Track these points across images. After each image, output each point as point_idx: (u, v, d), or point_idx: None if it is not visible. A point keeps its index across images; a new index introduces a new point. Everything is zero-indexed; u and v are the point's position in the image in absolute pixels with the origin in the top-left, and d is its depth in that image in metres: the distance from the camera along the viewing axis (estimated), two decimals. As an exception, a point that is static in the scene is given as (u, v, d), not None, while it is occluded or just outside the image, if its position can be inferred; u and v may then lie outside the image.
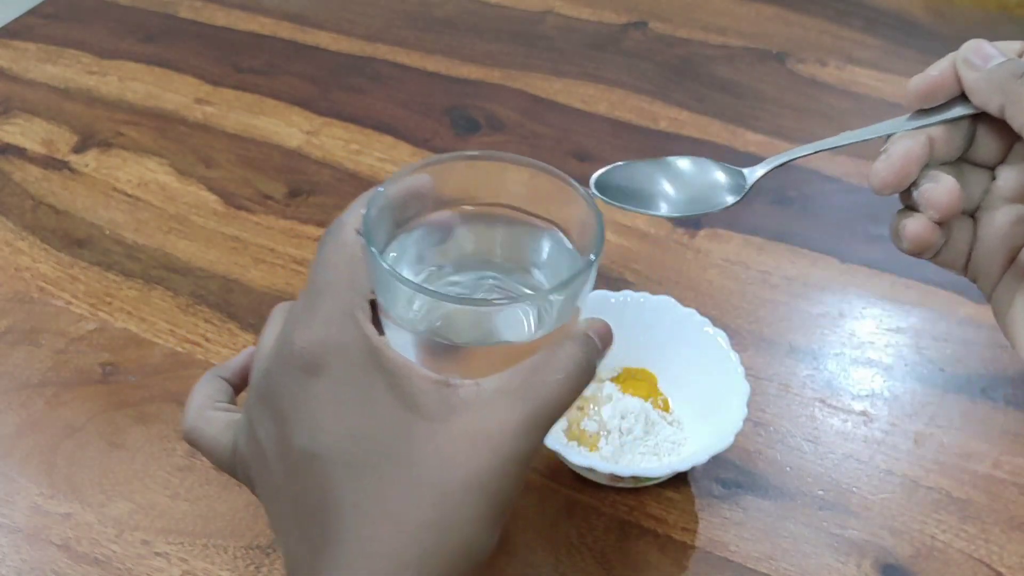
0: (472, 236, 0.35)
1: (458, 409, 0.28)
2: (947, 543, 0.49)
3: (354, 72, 0.84)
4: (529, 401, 0.28)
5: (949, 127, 0.34)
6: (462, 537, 0.27)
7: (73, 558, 0.49)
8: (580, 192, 0.35)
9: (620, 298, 0.55)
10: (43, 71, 0.84)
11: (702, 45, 0.86)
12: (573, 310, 0.32)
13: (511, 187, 0.35)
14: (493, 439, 0.27)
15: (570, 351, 0.30)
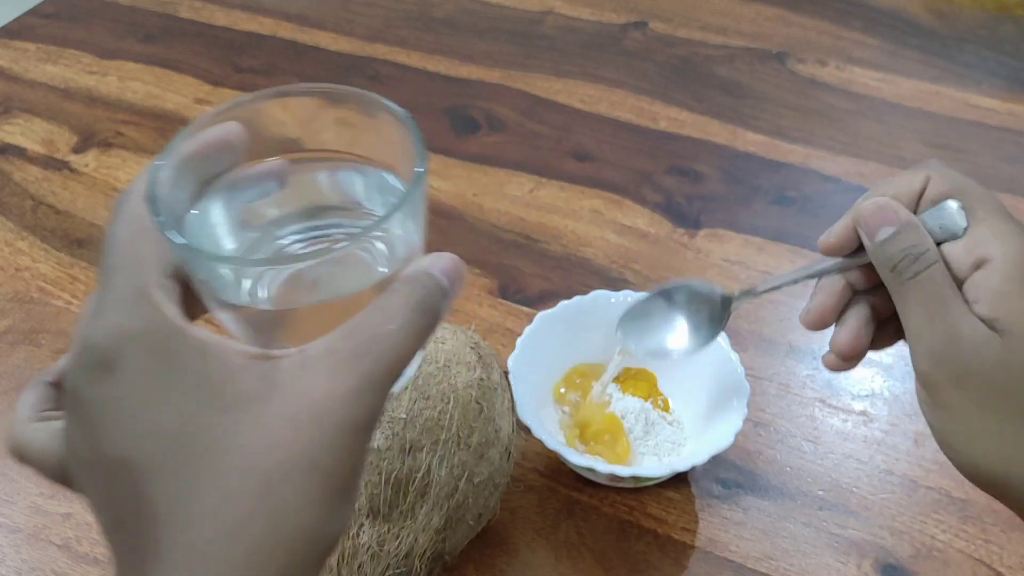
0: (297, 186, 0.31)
1: (280, 383, 0.25)
2: (947, 543, 0.49)
3: (354, 72, 0.84)
4: (360, 360, 0.25)
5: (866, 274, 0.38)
6: (297, 523, 0.24)
7: (73, 558, 0.49)
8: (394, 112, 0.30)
9: (620, 298, 0.55)
10: (43, 71, 0.84)
11: (702, 45, 0.86)
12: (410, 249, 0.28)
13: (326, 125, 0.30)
14: (319, 410, 0.24)
15: (402, 295, 0.26)
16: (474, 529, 0.46)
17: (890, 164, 0.73)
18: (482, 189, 0.71)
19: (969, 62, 0.83)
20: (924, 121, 0.77)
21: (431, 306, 0.27)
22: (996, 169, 0.72)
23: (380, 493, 0.42)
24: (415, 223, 0.28)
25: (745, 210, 0.69)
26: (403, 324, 0.26)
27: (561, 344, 0.54)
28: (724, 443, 0.47)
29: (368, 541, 0.43)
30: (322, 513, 0.25)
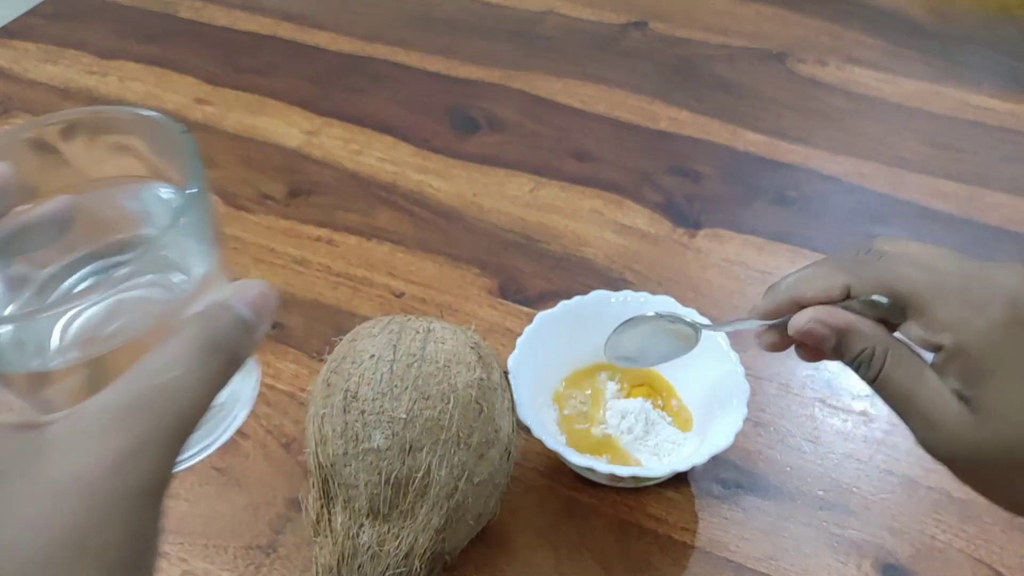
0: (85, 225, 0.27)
1: (44, 453, 0.21)
2: (947, 543, 0.49)
3: (354, 72, 0.84)
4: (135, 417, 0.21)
5: None
6: None
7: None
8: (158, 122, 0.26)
9: (620, 298, 0.55)
10: (43, 71, 0.84)
11: (702, 45, 0.86)
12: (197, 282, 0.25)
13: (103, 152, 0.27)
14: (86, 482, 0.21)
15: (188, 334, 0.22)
16: (474, 529, 0.46)
17: (890, 164, 0.73)
18: (482, 189, 0.71)
19: (969, 62, 0.83)
20: (924, 121, 0.77)
21: (227, 344, 0.23)
22: (996, 169, 0.72)
23: (380, 493, 0.42)
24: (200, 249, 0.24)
25: (745, 210, 0.69)
26: (188, 369, 0.22)
27: (561, 344, 0.54)
28: (724, 443, 0.47)
29: (368, 541, 0.43)
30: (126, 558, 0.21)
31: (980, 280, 0.33)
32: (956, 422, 0.33)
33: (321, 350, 0.59)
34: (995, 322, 0.32)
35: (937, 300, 0.33)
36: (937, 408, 0.33)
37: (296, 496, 0.51)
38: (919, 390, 0.34)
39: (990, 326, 0.32)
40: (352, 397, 0.43)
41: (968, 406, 0.33)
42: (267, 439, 0.54)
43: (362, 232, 0.68)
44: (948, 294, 0.33)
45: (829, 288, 0.36)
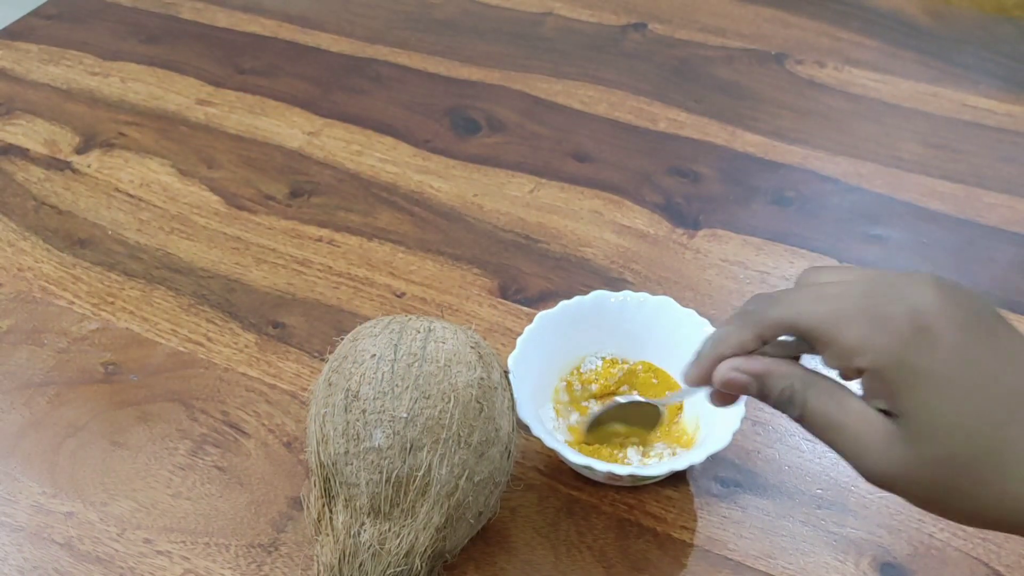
0: None
1: None
2: (945, 542, 0.49)
3: (355, 73, 0.84)
4: None
5: None
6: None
7: (75, 557, 0.49)
8: None
9: (620, 298, 0.55)
10: (45, 72, 0.85)
11: (701, 46, 0.86)
12: None
13: None
14: None
15: None
16: (474, 528, 0.46)
17: (888, 164, 0.73)
18: (482, 190, 0.72)
19: (967, 63, 0.83)
20: (922, 122, 0.77)
21: None
22: (994, 170, 0.73)
23: (381, 492, 0.43)
24: None
25: (744, 210, 0.70)
26: None
27: (561, 344, 0.54)
28: (722, 442, 0.48)
29: (369, 540, 0.43)
30: None
31: (882, 297, 0.33)
32: (886, 442, 0.33)
33: (322, 350, 0.59)
34: (901, 335, 0.32)
35: (841, 327, 0.33)
36: (865, 432, 0.33)
37: (298, 495, 0.52)
38: (844, 418, 0.34)
39: (897, 341, 0.32)
40: (353, 396, 0.43)
41: (897, 423, 0.32)
42: (269, 438, 0.55)
43: (363, 232, 0.68)
44: (851, 319, 0.33)
45: (743, 341, 0.36)
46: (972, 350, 0.32)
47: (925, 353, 0.32)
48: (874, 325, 0.32)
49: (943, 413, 0.31)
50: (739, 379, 0.36)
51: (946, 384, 0.31)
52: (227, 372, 0.58)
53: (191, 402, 0.57)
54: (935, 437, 0.32)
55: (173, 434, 0.55)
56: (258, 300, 0.63)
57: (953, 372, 0.31)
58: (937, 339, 0.31)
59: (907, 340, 0.32)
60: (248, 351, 0.60)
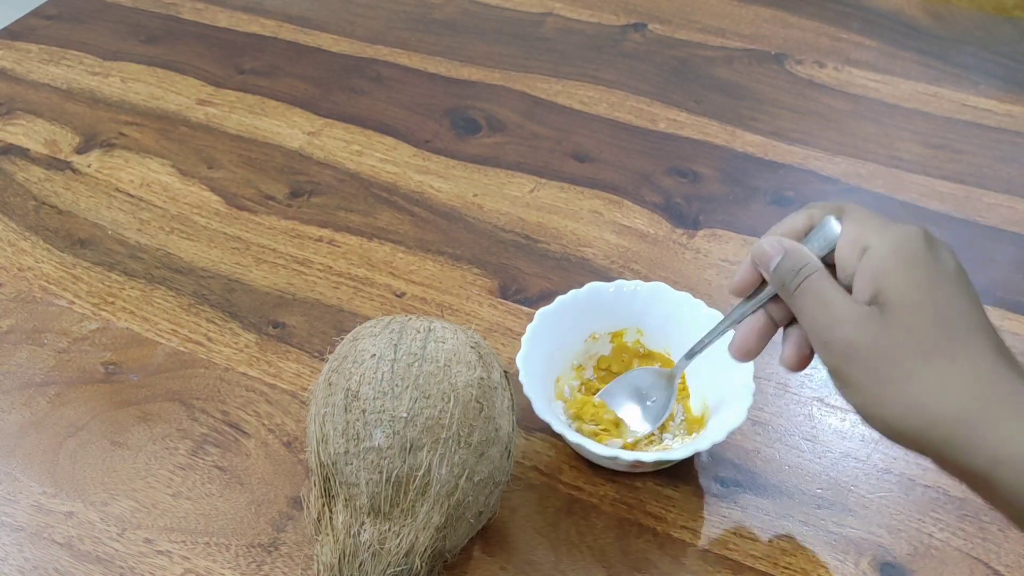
0: None
1: None
2: (944, 541, 0.49)
3: (355, 73, 0.84)
4: None
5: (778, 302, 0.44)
6: None
7: (76, 556, 0.49)
8: None
9: (613, 288, 0.56)
10: (46, 72, 0.85)
11: (701, 47, 0.86)
12: None
13: None
14: None
15: None
16: (474, 527, 0.46)
17: (887, 165, 0.73)
18: (482, 190, 0.72)
19: (967, 63, 0.83)
20: (922, 122, 0.77)
21: None
22: (993, 170, 0.73)
23: (381, 492, 0.43)
24: None
25: (744, 210, 0.70)
26: None
27: (563, 338, 0.55)
28: (738, 419, 0.49)
29: (369, 539, 0.43)
30: None
31: None
32: (864, 315, 0.38)
33: (323, 349, 0.60)
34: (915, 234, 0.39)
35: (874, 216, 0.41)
36: (846, 307, 0.39)
37: (298, 494, 0.52)
38: (833, 294, 0.40)
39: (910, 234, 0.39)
40: (353, 396, 0.43)
41: (876, 306, 0.38)
42: (269, 438, 0.55)
43: (363, 232, 0.68)
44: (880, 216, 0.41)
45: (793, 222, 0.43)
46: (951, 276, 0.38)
47: (925, 254, 0.38)
48: (898, 223, 0.40)
49: (918, 305, 0.37)
50: (773, 246, 0.42)
51: (928, 286, 0.38)
52: (227, 372, 0.58)
53: (191, 402, 0.57)
54: (903, 321, 0.37)
55: (173, 434, 0.55)
56: (258, 300, 0.63)
57: (935, 280, 0.38)
58: (937, 251, 0.39)
59: (915, 238, 0.39)
60: (248, 351, 0.60)
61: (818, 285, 0.40)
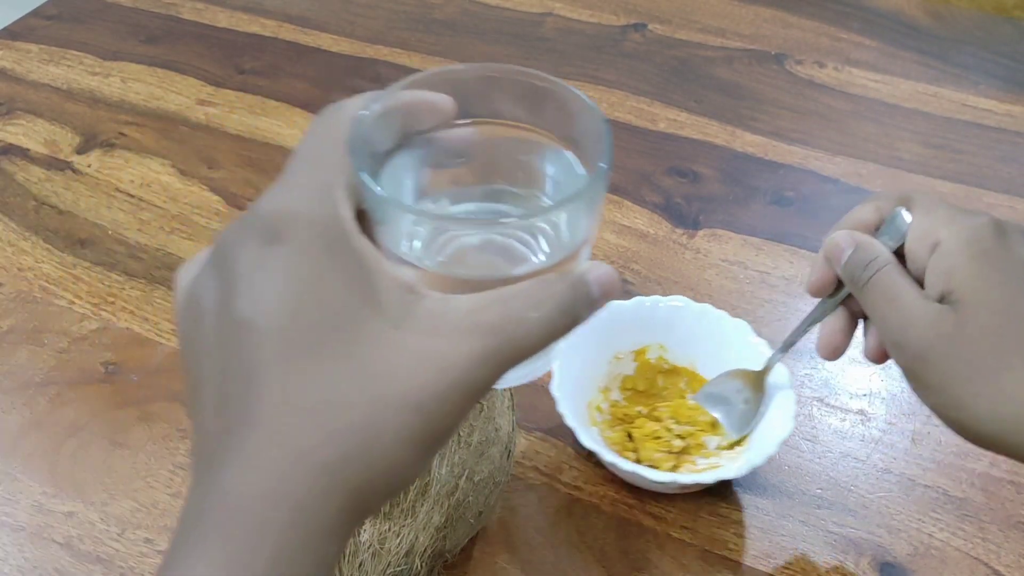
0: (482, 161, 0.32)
1: (417, 319, 0.25)
2: (944, 541, 0.49)
3: (355, 73, 0.84)
4: (495, 332, 0.26)
5: None
6: (387, 454, 0.25)
7: (76, 556, 0.49)
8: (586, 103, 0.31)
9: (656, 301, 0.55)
10: (46, 72, 0.85)
11: (701, 47, 0.86)
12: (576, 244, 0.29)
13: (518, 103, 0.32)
14: (445, 361, 0.25)
15: (556, 290, 0.27)
16: (474, 527, 0.46)
17: (888, 165, 0.73)
18: (482, 190, 0.72)
19: (966, 63, 0.83)
20: (921, 122, 0.77)
21: (574, 311, 0.27)
22: (993, 170, 0.73)
23: (381, 491, 0.43)
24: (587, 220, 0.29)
25: (744, 210, 0.70)
26: (546, 316, 0.26)
27: (589, 361, 0.54)
28: (786, 431, 0.48)
29: (369, 539, 0.43)
30: (410, 454, 0.25)
31: None
32: (936, 314, 0.37)
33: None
34: (985, 226, 0.38)
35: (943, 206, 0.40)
36: (918, 305, 0.38)
37: (298, 494, 0.52)
38: (905, 289, 0.38)
39: (982, 226, 0.38)
40: (353, 396, 0.43)
41: (949, 304, 0.37)
42: (269, 438, 0.55)
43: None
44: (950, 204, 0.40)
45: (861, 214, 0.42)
46: None
47: (996, 247, 0.38)
48: (967, 214, 0.39)
49: (992, 303, 0.36)
50: (845, 240, 0.41)
51: (1001, 282, 0.37)
52: (227, 372, 0.58)
53: (191, 402, 0.57)
54: (977, 320, 0.36)
55: (173, 434, 0.55)
56: (258, 300, 0.63)
57: (1008, 275, 0.37)
58: (1008, 241, 0.38)
59: (985, 229, 0.38)
60: (248, 351, 0.60)
61: (888, 280, 0.39)
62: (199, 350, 0.27)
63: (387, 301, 0.26)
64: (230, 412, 0.25)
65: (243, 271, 0.26)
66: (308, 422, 0.24)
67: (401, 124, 0.30)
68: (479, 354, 0.25)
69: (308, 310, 0.25)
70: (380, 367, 0.25)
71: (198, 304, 0.27)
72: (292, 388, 0.25)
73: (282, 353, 0.25)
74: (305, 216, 0.26)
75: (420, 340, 0.25)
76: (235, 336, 0.25)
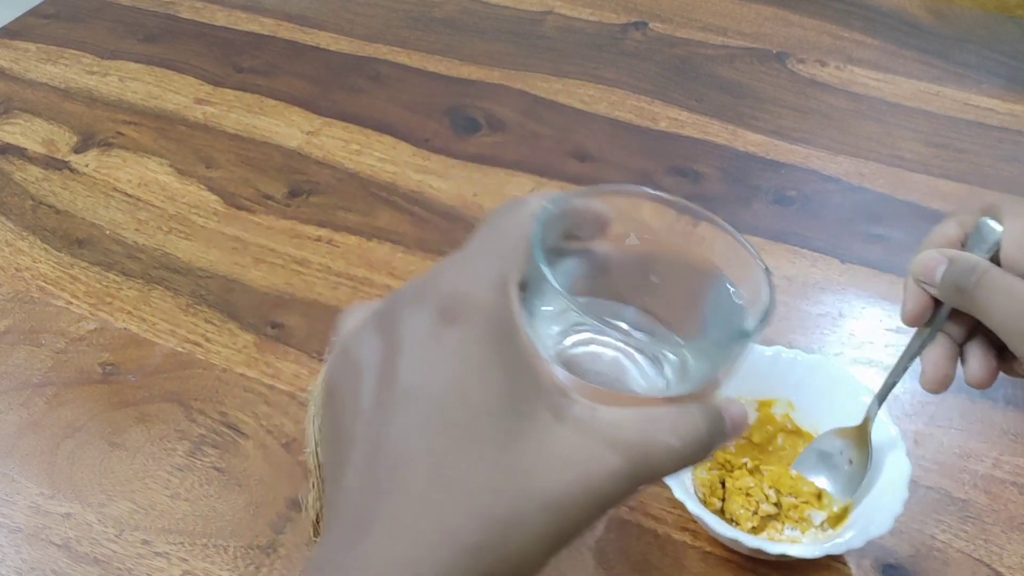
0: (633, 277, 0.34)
1: (567, 424, 0.27)
2: (947, 543, 0.49)
3: (354, 72, 0.84)
4: (636, 452, 0.27)
5: (954, 315, 0.42)
6: (520, 547, 0.26)
7: (73, 558, 0.49)
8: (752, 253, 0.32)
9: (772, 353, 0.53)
10: (43, 71, 0.84)
11: (702, 45, 0.86)
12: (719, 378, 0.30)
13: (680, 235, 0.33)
14: (587, 469, 0.26)
15: (696, 421, 0.28)
16: (474, 529, 0.46)
17: (889, 164, 0.73)
18: (482, 189, 0.71)
19: (969, 62, 0.83)
20: (924, 121, 0.77)
21: (709, 445, 0.28)
22: (995, 169, 0.72)
23: (380, 493, 0.42)
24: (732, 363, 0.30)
25: (745, 210, 0.69)
26: (683, 445, 0.27)
27: None
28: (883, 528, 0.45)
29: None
30: (537, 553, 0.26)
31: None
32: None
33: (321, 350, 0.59)
34: None
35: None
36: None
37: (296, 496, 0.51)
38: (1018, 282, 0.38)
39: None
40: (352, 397, 0.43)
41: None
42: (267, 439, 0.54)
43: (362, 232, 0.68)
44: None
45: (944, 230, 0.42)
46: None
47: None
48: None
49: None
50: (934, 258, 0.41)
51: None
52: (225, 373, 0.58)
53: (189, 403, 0.56)
54: None
55: (171, 435, 0.55)
56: (257, 300, 0.63)
57: None
58: None
59: None
60: (247, 351, 0.59)
61: (1000, 278, 0.39)
62: (350, 405, 0.28)
63: (543, 401, 0.27)
64: (380, 475, 0.26)
65: (414, 341, 0.27)
66: (459, 502, 0.25)
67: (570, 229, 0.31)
68: (618, 469, 0.26)
69: (472, 394, 0.26)
70: (529, 462, 0.26)
71: (356, 360, 0.28)
72: (447, 466, 0.26)
73: (443, 429, 0.26)
74: (483, 303, 0.27)
75: (568, 445, 0.26)
76: (396, 402, 0.27)
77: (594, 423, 0.27)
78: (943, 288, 0.40)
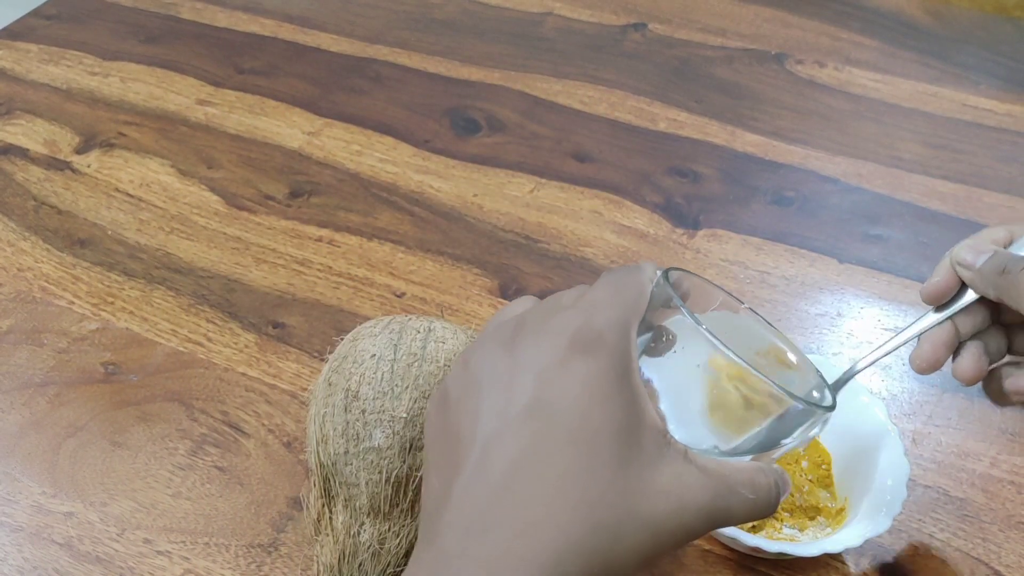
0: None
1: (666, 459, 0.30)
2: (945, 542, 0.49)
3: (355, 73, 0.84)
4: (719, 497, 0.30)
5: (967, 309, 0.42)
6: (620, 558, 0.29)
7: (75, 557, 0.49)
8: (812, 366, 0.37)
9: None
10: (45, 72, 0.85)
11: (701, 46, 0.86)
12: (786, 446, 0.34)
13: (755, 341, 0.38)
14: (680, 503, 0.30)
15: (768, 481, 0.32)
16: (474, 527, 0.46)
17: (888, 164, 0.73)
18: (482, 190, 0.72)
19: (967, 63, 0.83)
20: (922, 122, 0.77)
21: (771, 505, 0.32)
22: (994, 170, 0.72)
23: (381, 492, 0.43)
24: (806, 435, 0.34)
25: (744, 210, 0.70)
26: (755, 501, 0.31)
27: None
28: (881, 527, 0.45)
29: (369, 540, 0.43)
30: (628, 566, 0.29)
31: None
32: None
33: (322, 350, 0.59)
34: None
35: None
36: None
37: (297, 495, 0.52)
38: None
39: None
40: (353, 396, 0.43)
41: None
42: (268, 438, 0.55)
43: (363, 232, 0.68)
44: None
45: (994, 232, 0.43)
46: None
47: None
48: None
49: None
50: (983, 245, 0.41)
51: None
52: (227, 372, 0.58)
53: (191, 402, 0.57)
54: None
55: (173, 434, 0.55)
56: (258, 300, 0.63)
57: None
58: None
59: None
60: (248, 351, 0.60)
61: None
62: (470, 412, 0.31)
63: (648, 435, 0.30)
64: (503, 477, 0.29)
65: (540, 361, 0.31)
66: (577, 509, 0.28)
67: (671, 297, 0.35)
68: (703, 508, 0.30)
69: (594, 417, 0.29)
70: (636, 486, 0.29)
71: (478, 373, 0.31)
72: (569, 476, 0.29)
73: (566, 444, 0.29)
74: (610, 342, 0.31)
75: (668, 478, 0.30)
76: (522, 414, 0.30)
77: (688, 465, 0.30)
78: (983, 272, 0.40)
